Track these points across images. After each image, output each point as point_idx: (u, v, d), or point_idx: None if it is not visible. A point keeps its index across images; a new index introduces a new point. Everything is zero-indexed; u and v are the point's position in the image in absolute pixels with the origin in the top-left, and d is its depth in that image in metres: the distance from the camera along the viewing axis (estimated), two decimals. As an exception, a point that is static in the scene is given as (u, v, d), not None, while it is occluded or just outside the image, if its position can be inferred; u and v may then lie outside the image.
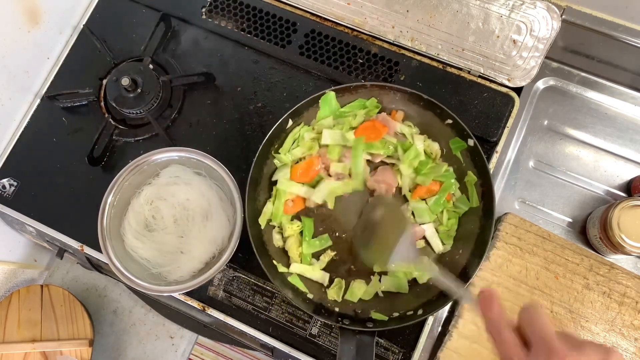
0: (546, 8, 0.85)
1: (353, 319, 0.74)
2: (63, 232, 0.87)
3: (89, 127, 0.90)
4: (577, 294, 0.78)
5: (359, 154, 0.78)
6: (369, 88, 0.81)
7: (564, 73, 0.93)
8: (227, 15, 0.95)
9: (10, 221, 0.93)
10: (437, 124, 0.80)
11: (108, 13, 0.97)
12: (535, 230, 0.81)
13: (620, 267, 0.78)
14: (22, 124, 0.93)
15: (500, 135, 0.85)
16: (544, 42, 0.85)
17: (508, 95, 0.87)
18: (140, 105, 0.87)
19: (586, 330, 0.77)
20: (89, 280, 1.39)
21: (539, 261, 0.80)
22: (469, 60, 0.88)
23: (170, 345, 1.35)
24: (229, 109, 0.90)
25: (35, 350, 1.16)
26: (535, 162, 0.89)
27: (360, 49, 0.91)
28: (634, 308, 0.77)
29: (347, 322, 0.73)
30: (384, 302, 0.77)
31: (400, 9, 0.90)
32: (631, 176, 0.87)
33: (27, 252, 1.22)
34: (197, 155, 0.79)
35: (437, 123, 0.80)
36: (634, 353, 0.75)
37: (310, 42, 0.92)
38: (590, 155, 0.89)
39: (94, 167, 0.87)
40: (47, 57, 0.97)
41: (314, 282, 0.78)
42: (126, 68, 0.90)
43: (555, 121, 0.90)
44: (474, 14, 0.87)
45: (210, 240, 0.78)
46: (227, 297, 0.82)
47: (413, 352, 0.78)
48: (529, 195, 0.88)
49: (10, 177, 0.90)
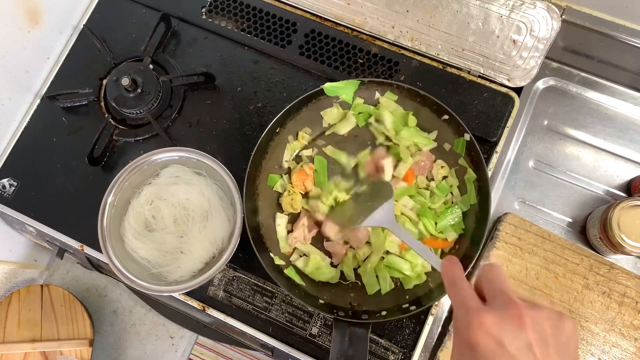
0: (546, 8, 0.85)
1: (347, 312, 0.75)
2: (63, 232, 0.87)
3: (89, 127, 0.90)
4: (577, 294, 0.78)
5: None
6: (366, 84, 0.81)
7: (564, 73, 0.93)
8: (227, 15, 0.95)
9: (10, 221, 0.93)
10: (434, 120, 0.80)
11: (108, 13, 0.97)
12: (535, 230, 0.81)
13: (620, 267, 0.78)
14: (22, 124, 0.93)
15: (500, 135, 0.85)
16: (544, 42, 0.85)
17: (508, 95, 0.87)
18: (140, 105, 0.87)
19: (586, 330, 0.77)
20: (89, 280, 1.39)
21: (539, 261, 0.80)
22: (469, 60, 0.88)
23: (170, 345, 1.35)
24: (229, 109, 0.90)
25: (35, 350, 1.16)
26: (535, 162, 0.89)
27: (360, 49, 0.91)
28: (633, 308, 0.77)
29: (342, 315, 0.73)
30: (379, 297, 0.77)
31: (400, 9, 0.90)
32: (631, 176, 0.87)
33: (27, 252, 1.22)
34: (197, 155, 0.79)
35: (434, 119, 0.80)
36: (633, 353, 0.75)
37: (310, 42, 0.92)
38: (590, 155, 0.89)
39: (94, 167, 0.87)
40: (47, 57, 0.97)
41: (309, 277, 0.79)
42: (126, 68, 0.90)
43: (555, 121, 0.90)
44: (474, 14, 0.87)
45: (210, 240, 0.78)
46: (227, 297, 0.82)
47: (413, 352, 0.78)
48: (529, 195, 0.88)
49: (10, 177, 0.90)
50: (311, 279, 0.78)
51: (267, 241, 0.79)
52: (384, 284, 0.76)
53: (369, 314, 0.74)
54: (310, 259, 0.78)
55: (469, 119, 0.85)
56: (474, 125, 0.85)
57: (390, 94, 0.81)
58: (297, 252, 0.79)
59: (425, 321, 0.79)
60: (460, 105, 0.86)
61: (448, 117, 0.79)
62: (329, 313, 0.73)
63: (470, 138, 0.77)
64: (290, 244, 0.79)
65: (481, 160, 0.76)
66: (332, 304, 0.76)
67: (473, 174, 0.78)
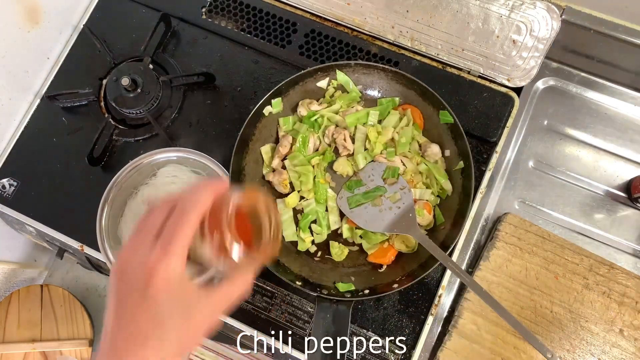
0: (546, 8, 0.85)
1: (330, 290, 0.76)
2: (63, 232, 0.87)
3: (89, 127, 0.90)
4: (577, 294, 0.78)
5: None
6: (353, 67, 0.83)
7: (564, 73, 0.93)
8: (227, 15, 0.95)
9: (10, 221, 0.93)
10: (419, 102, 0.83)
11: (108, 13, 0.97)
12: (535, 230, 0.81)
13: (620, 267, 0.78)
14: (22, 124, 0.93)
15: (500, 136, 0.85)
16: (544, 42, 0.85)
17: (508, 95, 0.87)
18: (140, 105, 0.87)
19: (586, 330, 0.77)
20: (89, 280, 1.39)
21: (539, 261, 0.80)
22: (469, 60, 0.88)
23: (170, 345, 1.35)
24: (229, 109, 0.90)
25: (35, 350, 1.16)
26: (535, 162, 0.89)
27: (360, 49, 0.91)
28: (633, 308, 0.77)
29: (325, 293, 0.75)
30: (363, 276, 0.79)
31: (400, 9, 0.90)
32: (631, 176, 0.86)
33: (27, 252, 1.22)
34: (195, 155, 0.79)
35: (419, 101, 0.82)
36: (633, 353, 0.75)
37: (310, 42, 0.92)
38: (590, 155, 0.89)
39: (93, 167, 0.87)
40: (47, 57, 0.97)
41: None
42: (126, 68, 0.90)
43: (555, 121, 0.90)
44: (474, 14, 0.87)
45: (209, 240, 0.78)
46: (227, 297, 0.82)
47: (413, 351, 0.78)
48: (529, 195, 0.88)
49: (10, 177, 0.90)
50: (295, 256, 0.80)
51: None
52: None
53: (351, 293, 0.76)
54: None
55: (468, 119, 0.85)
56: (473, 125, 0.85)
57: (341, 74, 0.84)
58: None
59: (425, 321, 0.79)
60: (460, 105, 0.86)
61: (431, 96, 0.80)
62: (312, 291, 0.75)
63: (455, 121, 0.78)
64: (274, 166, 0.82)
65: (465, 144, 0.77)
66: (316, 282, 0.77)
67: (461, 163, 0.78)
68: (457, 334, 0.78)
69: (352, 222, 0.79)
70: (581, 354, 0.76)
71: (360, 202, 0.79)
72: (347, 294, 0.75)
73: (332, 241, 0.80)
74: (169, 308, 0.42)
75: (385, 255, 0.78)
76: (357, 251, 0.81)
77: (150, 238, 0.44)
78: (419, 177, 0.81)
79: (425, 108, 0.82)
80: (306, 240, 0.80)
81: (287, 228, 0.81)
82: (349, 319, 0.73)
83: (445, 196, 0.80)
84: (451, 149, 0.80)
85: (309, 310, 0.81)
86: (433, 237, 0.77)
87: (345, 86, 0.84)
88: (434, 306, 0.79)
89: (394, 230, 0.76)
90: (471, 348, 0.77)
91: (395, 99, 0.84)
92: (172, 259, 0.42)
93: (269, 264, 0.74)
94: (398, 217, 0.77)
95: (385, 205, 0.78)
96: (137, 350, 0.41)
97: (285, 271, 0.77)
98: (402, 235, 0.79)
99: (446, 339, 0.78)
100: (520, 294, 0.78)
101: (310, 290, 0.75)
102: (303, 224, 0.80)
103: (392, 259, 0.79)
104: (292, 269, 0.78)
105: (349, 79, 0.83)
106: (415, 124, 0.82)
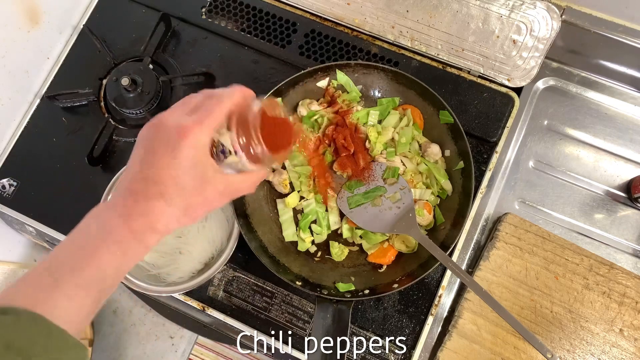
0: (546, 8, 0.85)
1: (330, 291, 0.76)
2: (63, 232, 0.87)
3: (89, 127, 0.90)
4: (577, 294, 0.78)
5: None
6: (353, 67, 0.82)
7: (564, 73, 0.93)
8: (227, 15, 0.95)
9: (10, 221, 0.93)
10: (419, 102, 0.82)
11: (108, 13, 0.97)
12: (535, 230, 0.81)
13: (620, 267, 0.78)
14: (22, 124, 0.93)
15: (500, 136, 0.85)
16: (544, 42, 0.85)
17: (508, 95, 0.87)
18: (140, 105, 0.87)
19: (586, 330, 0.77)
20: (89, 280, 1.39)
21: (539, 261, 0.80)
22: (469, 60, 0.88)
23: (170, 345, 1.35)
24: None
25: (35, 350, 1.16)
26: (535, 162, 0.89)
27: (360, 49, 0.91)
28: (633, 308, 0.77)
29: (325, 293, 0.75)
30: (363, 276, 0.78)
31: (400, 9, 0.90)
32: (631, 176, 0.86)
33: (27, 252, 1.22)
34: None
35: (419, 101, 0.82)
36: (633, 353, 0.75)
37: (310, 42, 0.92)
38: (590, 155, 0.89)
39: (93, 167, 0.87)
40: (47, 57, 0.97)
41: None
42: (126, 68, 0.90)
43: (555, 121, 0.90)
44: (474, 14, 0.87)
45: (209, 241, 0.78)
46: (227, 297, 0.82)
47: (413, 352, 0.78)
48: (529, 195, 0.88)
49: (10, 177, 0.90)
50: (295, 256, 0.80)
51: (253, 221, 0.79)
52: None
53: (352, 293, 0.76)
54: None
55: (469, 119, 0.85)
56: (473, 125, 0.85)
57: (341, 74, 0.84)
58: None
59: (425, 321, 0.79)
60: (460, 105, 0.86)
61: (430, 96, 0.80)
62: (312, 291, 0.75)
63: (455, 120, 0.78)
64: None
65: (465, 143, 0.77)
66: (316, 282, 0.77)
67: (461, 164, 0.78)
68: (457, 334, 0.78)
69: (352, 222, 0.79)
70: (581, 354, 0.76)
71: (360, 202, 0.79)
72: (347, 294, 0.75)
73: (332, 241, 0.80)
74: (189, 176, 0.48)
75: (385, 255, 0.78)
76: (357, 251, 0.81)
77: (188, 110, 0.51)
78: (419, 177, 0.81)
79: (425, 108, 0.82)
80: (306, 240, 0.80)
81: (287, 228, 0.81)
82: (349, 319, 0.73)
83: (445, 196, 0.80)
84: (451, 149, 0.80)
85: (309, 310, 0.81)
86: (433, 237, 0.77)
87: (345, 86, 0.84)
88: (434, 306, 0.79)
89: (394, 230, 0.76)
90: (471, 348, 0.77)
91: (395, 99, 0.83)
92: (203, 128, 0.48)
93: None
94: (398, 217, 0.77)
95: (385, 205, 0.78)
96: (149, 199, 0.48)
97: (285, 271, 0.77)
98: (402, 236, 0.79)
99: (446, 339, 0.78)
100: (520, 294, 0.78)
101: (310, 290, 0.75)
102: (303, 224, 0.80)
103: (392, 259, 0.79)
104: (292, 269, 0.77)
105: (349, 79, 0.83)
106: (415, 124, 0.82)
